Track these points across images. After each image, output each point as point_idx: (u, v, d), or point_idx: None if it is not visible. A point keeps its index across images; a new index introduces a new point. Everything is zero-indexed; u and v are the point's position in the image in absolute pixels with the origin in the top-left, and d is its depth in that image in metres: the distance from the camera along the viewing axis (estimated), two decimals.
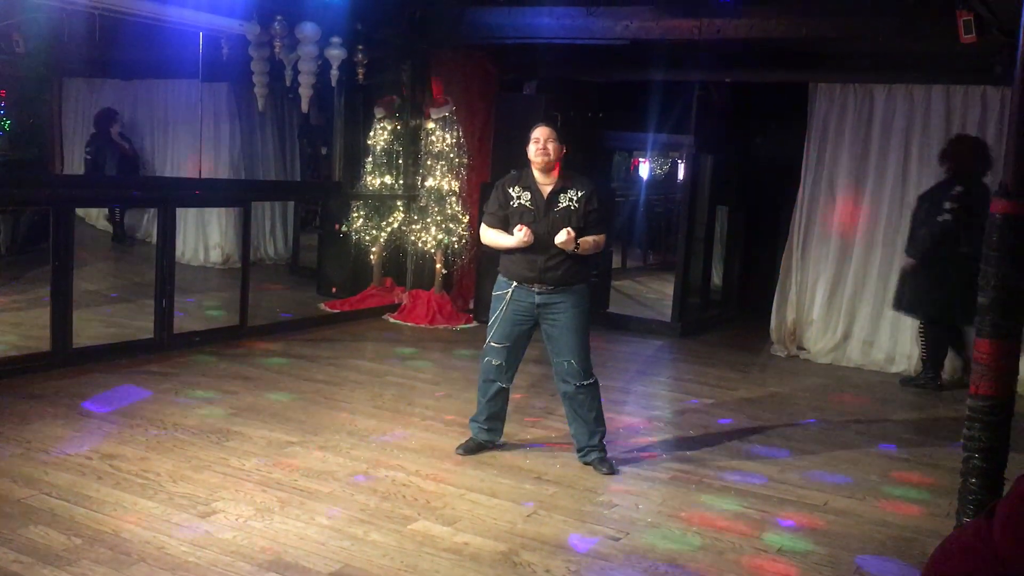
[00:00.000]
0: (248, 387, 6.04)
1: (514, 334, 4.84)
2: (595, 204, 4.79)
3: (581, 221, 4.70)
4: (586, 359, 4.80)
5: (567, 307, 4.73)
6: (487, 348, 4.92)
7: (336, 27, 7.88)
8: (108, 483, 4.23)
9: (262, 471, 4.51)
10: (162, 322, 6.83)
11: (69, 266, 6.22)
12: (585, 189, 4.77)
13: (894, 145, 7.59)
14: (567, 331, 4.74)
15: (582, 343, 4.78)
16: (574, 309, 4.74)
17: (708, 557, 3.85)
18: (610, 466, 4.81)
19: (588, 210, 4.75)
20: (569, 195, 4.73)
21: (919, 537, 4.19)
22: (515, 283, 4.79)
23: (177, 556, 3.53)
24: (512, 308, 4.81)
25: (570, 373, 4.78)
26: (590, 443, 4.85)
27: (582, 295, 4.78)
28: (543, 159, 4.74)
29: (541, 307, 4.76)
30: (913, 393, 7.00)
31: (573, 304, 4.74)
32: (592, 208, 4.77)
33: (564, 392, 4.87)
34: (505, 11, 8.08)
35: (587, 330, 4.82)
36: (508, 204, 4.83)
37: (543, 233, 4.71)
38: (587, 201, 4.74)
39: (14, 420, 5.02)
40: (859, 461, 5.28)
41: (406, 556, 3.66)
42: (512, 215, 4.82)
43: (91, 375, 6.03)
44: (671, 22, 7.42)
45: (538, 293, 4.74)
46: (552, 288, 4.73)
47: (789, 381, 7.26)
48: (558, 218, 4.71)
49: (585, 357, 4.79)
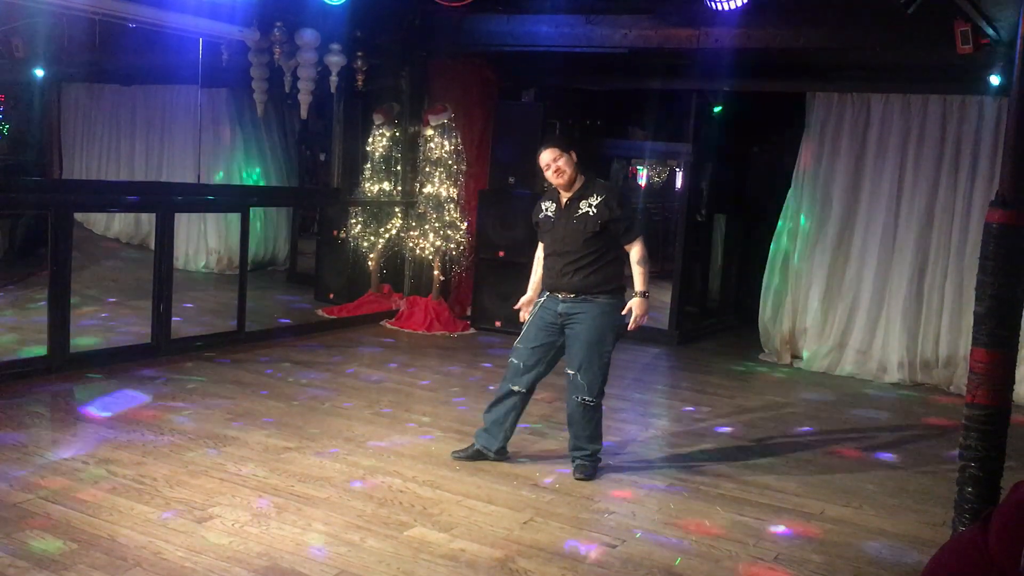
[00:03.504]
0: (245, 392, 6.04)
1: (538, 339, 4.82)
2: (617, 211, 4.69)
3: (597, 226, 4.68)
4: (594, 376, 4.71)
5: (585, 318, 4.69)
6: (512, 350, 4.94)
7: (336, 34, 7.91)
8: (104, 488, 4.22)
9: (259, 477, 4.51)
10: (159, 327, 6.83)
11: (67, 270, 6.22)
12: (604, 194, 4.74)
13: (890, 155, 7.62)
14: (577, 342, 4.72)
15: (590, 357, 4.70)
16: (591, 321, 4.68)
17: (705, 565, 3.85)
18: (584, 472, 4.79)
19: (611, 219, 4.67)
20: (589, 201, 4.72)
21: (916, 546, 4.20)
22: (547, 292, 4.84)
23: (173, 561, 3.53)
24: (540, 314, 4.83)
25: (574, 385, 4.75)
26: (576, 451, 4.86)
27: (604, 309, 4.69)
28: (560, 180, 4.76)
29: (563, 316, 4.75)
30: (908, 402, 7.01)
31: (592, 316, 4.68)
32: (616, 217, 4.69)
33: (567, 401, 4.87)
34: (504, 19, 8.11)
35: (601, 345, 4.70)
36: (538, 216, 4.93)
37: (559, 240, 4.74)
38: (605, 206, 4.68)
39: (11, 424, 5.02)
40: (856, 470, 5.29)
41: (402, 562, 3.66)
42: (538, 227, 4.92)
43: (88, 379, 6.03)
44: (670, 31, 7.46)
45: (562, 301, 4.75)
46: (573, 297, 4.72)
47: (785, 390, 7.27)
48: (576, 224, 4.72)
49: (593, 373, 4.71)
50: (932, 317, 7.52)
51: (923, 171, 7.50)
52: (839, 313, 7.85)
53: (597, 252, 4.69)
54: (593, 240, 4.67)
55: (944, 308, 7.46)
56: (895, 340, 7.62)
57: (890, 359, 7.65)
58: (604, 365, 4.75)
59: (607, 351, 4.74)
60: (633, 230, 4.73)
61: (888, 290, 7.67)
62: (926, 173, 7.49)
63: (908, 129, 7.56)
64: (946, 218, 7.46)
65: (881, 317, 7.69)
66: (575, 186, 4.76)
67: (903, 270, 7.59)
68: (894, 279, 7.64)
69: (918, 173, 7.53)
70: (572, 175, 4.74)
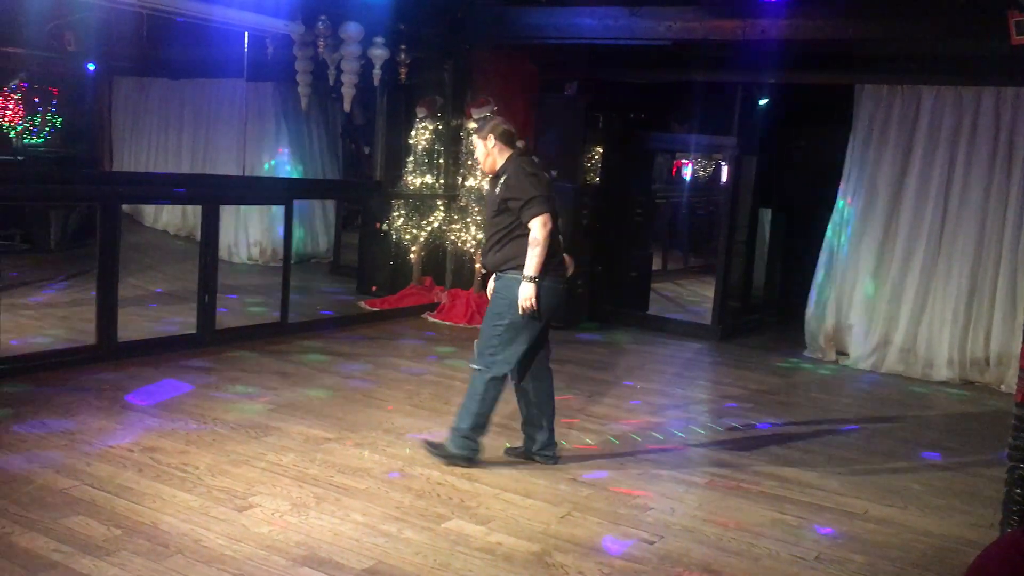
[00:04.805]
0: (287, 383, 6.10)
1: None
2: (514, 189, 4.60)
3: (498, 204, 4.64)
4: (483, 345, 4.68)
5: (495, 294, 4.72)
6: None
7: (379, 27, 7.94)
8: (148, 475, 4.29)
9: (299, 467, 4.55)
10: (205, 318, 6.92)
11: (115, 261, 6.33)
12: (507, 172, 4.67)
13: (941, 148, 7.45)
14: (485, 314, 4.76)
15: (484, 327, 4.71)
16: (495, 296, 4.71)
17: (743, 563, 3.80)
18: (429, 449, 4.76)
19: (509, 196, 4.59)
20: (499, 180, 4.71)
21: (961, 547, 4.11)
22: None
23: (213, 549, 3.57)
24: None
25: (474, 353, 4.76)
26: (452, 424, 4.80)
27: (507, 284, 4.62)
28: (483, 166, 4.85)
29: (491, 293, 4.79)
30: (957, 401, 6.86)
31: (497, 290, 4.70)
32: (511, 195, 4.59)
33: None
34: (547, 11, 8.08)
35: (496, 317, 4.64)
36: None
37: (484, 220, 4.73)
38: (505, 185, 4.61)
39: (59, 412, 5.12)
40: (901, 469, 5.19)
41: (439, 554, 3.67)
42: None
43: (135, 369, 6.13)
44: (715, 22, 7.36)
45: (491, 280, 4.80)
46: (492, 274, 4.76)
47: (829, 387, 7.16)
48: (489, 204, 4.78)
49: (483, 342, 4.68)
50: (983, 315, 7.35)
51: (975, 166, 7.33)
52: (885, 310, 7.71)
53: (504, 230, 4.65)
54: (499, 219, 4.66)
55: (996, 305, 7.29)
56: (944, 338, 7.46)
57: (938, 357, 7.50)
58: (495, 337, 4.65)
59: (501, 325, 4.63)
60: (529, 208, 4.52)
61: (936, 287, 7.50)
62: (978, 168, 7.32)
63: (960, 122, 7.38)
64: (999, 213, 7.28)
65: (929, 314, 7.54)
66: (498, 168, 4.76)
67: (952, 266, 7.43)
68: (942, 275, 7.48)
69: (970, 168, 7.36)
70: (492, 160, 4.75)
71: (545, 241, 4.50)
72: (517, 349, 4.64)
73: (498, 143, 4.73)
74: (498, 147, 4.73)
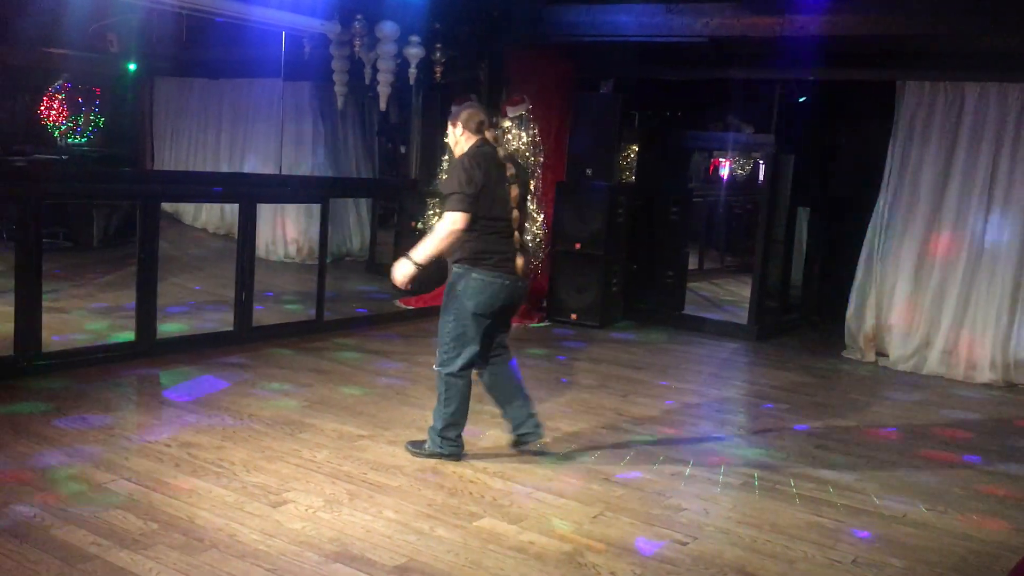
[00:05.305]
0: (322, 381, 6.14)
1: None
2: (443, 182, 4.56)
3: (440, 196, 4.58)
4: (442, 345, 4.63)
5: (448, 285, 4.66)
6: None
7: (415, 26, 7.96)
8: (185, 470, 4.34)
9: (333, 463, 4.58)
10: (242, 315, 6.99)
11: (154, 259, 6.41)
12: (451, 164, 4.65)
13: (985, 146, 7.30)
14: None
15: (441, 325, 4.64)
16: (446, 289, 4.65)
17: (778, 566, 3.76)
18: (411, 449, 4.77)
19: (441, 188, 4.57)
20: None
21: (1003, 553, 4.02)
22: None
23: (248, 544, 3.61)
24: None
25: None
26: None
27: (456, 277, 4.58)
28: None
29: None
30: (999, 404, 6.73)
31: (448, 284, 4.63)
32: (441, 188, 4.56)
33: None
34: (583, 9, 8.04)
35: (444, 313, 4.62)
36: None
37: None
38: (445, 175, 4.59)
39: (99, 407, 5.21)
40: (941, 473, 5.10)
41: (471, 553, 3.67)
42: None
43: (173, 365, 6.21)
44: (753, 19, 7.28)
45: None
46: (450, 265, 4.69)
47: (868, 388, 7.05)
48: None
49: (441, 342, 4.63)
50: None
51: (1020, 164, 7.18)
52: (926, 311, 7.57)
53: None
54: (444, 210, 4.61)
55: None
56: (986, 340, 7.31)
57: (981, 359, 7.35)
58: (446, 335, 4.61)
59: (449, 320, 4.60)
60: (448, 202, 4.50)
61: (979, 288, 7.36)
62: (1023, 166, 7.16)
63: (1004, 119, 7.23)
64: None
65: (972, 316, 7.39)
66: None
67: (996, 267, 7.27)
68: (985, 276, 7.32)
69: (1015, 166, 7.20)
70: (459, 147, 4.69)
71: (447, 236, 4.47)
72: (468, 345, 4.60)
73: (465, 130, 4.68)
74: (465, 134, 4.68)
